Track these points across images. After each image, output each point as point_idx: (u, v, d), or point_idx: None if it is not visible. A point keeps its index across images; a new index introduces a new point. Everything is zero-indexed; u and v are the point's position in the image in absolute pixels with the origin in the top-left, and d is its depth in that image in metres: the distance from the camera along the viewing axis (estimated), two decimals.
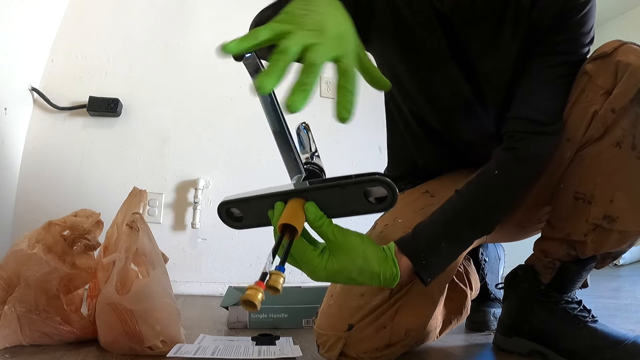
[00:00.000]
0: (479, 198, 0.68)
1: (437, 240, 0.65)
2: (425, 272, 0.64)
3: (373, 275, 0.59)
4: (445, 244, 0.65)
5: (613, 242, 0.70)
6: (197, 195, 1.84)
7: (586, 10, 0.67)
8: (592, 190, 0.69)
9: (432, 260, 0.64)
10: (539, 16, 0.69)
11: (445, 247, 0.65)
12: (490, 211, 0.69)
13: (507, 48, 0.72)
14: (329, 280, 0.58)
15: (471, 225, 0.67)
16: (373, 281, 0.59)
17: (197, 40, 1.99)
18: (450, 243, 0.66)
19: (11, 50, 1.46)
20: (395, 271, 0.60)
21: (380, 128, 2.05)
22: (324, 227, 0.56)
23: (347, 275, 0.58)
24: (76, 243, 0.85)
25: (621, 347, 0.67)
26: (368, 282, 0.59)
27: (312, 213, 0.55)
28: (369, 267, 0.58)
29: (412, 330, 0.75)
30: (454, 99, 0.79)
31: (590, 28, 0.69)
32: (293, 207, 0.55)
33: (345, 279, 0.58)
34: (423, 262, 0.63)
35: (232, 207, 0.60)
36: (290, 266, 0.56)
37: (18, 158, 1.67)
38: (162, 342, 0.75)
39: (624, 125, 0.65)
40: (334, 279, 0.58)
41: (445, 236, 0.66)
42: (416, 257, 0.63)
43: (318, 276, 0.58)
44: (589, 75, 0.69)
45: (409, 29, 0.78)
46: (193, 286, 1.78)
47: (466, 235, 0.68)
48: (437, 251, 0.65)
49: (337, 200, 0.56)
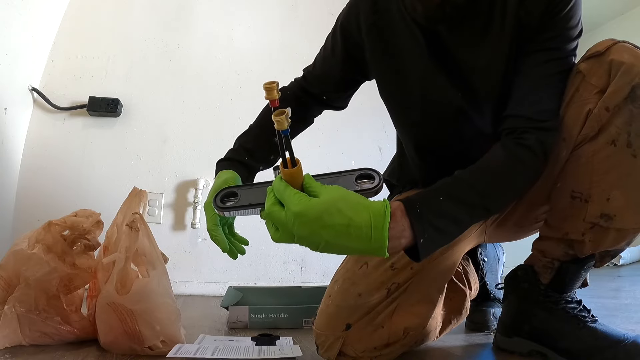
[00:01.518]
0: (483, 170, 0.63)
1: (434, 194, 0.59)
2: (419, 225, 0.54)
3: (360, 206, 0.51)
4: (444, 199, 0.58)
5: (611, 240, 0.70)
6: (197, 195, 1.84)
7: (572, 4, 0.66)
8: (589, 189, 0.69)
9: (428, 213, 0.55)
10: (526, 16, 0.68)
11: (444, 203, 0.57)
12: (494, 186, 0.63)
13: (497, 50, 0.72)
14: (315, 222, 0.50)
15: (473, 191, 0.61)
16: (360, 214, 0.51)
17: (197, 40, 1.99)
18: (450, 201, 0.58)
19: (11, 50, 1.47)
20: (385, 203, 0.53)
21: (380, 128, 2.08)
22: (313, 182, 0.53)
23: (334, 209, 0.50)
24: (76, 243, 0.85)
25: (621, 347, 0.67)
26: (355, 217, 0.50)
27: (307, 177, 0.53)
28: (355, 198, 0.52)
29: (410, 329, 0.75)
30: (446, 108, 0.78)
31: (577, 21, 0.69)
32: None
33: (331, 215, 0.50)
34: (418, 210, 0.55)
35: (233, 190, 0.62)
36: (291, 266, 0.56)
37: (18, 158, 1.67)
38: (162, 342, 0.75)
39: (618, 123, 0.66)
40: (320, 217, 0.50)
41: (444, 193, 0.59)
42: (410, 202, 0.56)
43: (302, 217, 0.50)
44: (583, 74, 0.69)
45: (392, 45, 0.79)
46: (193, 286, 1.78)
47: (467, 199, 0.60)
48: (434, 205, 0.57)
49: None
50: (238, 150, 0.87)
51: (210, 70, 1.98)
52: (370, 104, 0.94)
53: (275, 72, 2.08)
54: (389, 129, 0.90)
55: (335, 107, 0.96)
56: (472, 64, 0.74)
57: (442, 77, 0.76)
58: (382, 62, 0.82)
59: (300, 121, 0.94)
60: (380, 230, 0.51)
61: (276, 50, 2.11)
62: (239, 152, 0.86)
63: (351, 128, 2.07)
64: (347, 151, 2.05)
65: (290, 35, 2.15)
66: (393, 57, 0.80)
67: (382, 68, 0.83)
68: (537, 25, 0.68)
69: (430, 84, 0.77)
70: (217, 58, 2.01)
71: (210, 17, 2.04)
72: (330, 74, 0.91)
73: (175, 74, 1.93)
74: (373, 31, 0.81)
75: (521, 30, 0.70)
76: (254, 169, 0.86)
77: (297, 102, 0.93)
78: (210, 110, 1.95)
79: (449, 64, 0.75)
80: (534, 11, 0.67)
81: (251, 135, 0.89)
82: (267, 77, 1.75)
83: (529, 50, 0.70)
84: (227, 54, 2.03)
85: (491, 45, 0.72)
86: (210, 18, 2.04)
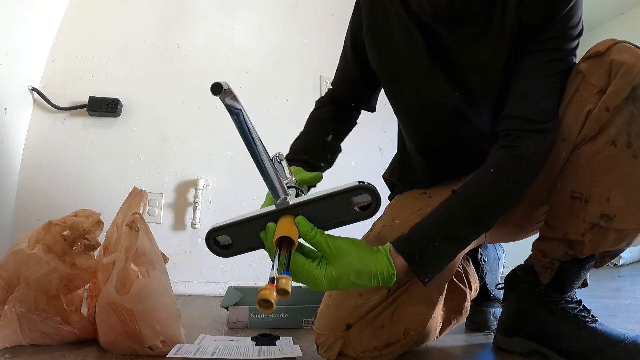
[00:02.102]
0: (475, 196, 0.67)
1: (431, 238, 0.64)
2: (422, 272, 0.63)
3: (371, 276, 0.59)
4: (440, 242, 0.64)
5: (611, 240, 0.70)
6: (197, 195, 1.84)
7: (572, 3, 0.66)
8: (589, 190, 0.69)
9: (427, 259, 0.63)
10: (527, 15, 0.68)
11: (440, 246, 0.64)
12: (486, 209, 0.67)
13: (497, 49, 0.72)
14: (331, 288, 0.59)
15: (467, 223, 0.66)
16: (372, 282, 0.60)
17: (197, 40, 1.99)
18: (446, 242, 0.65)
19: (11, 50, 1.47)
20: (391, 270, 0.60)
21: (380, 128, 2.08)
22: (317, 237, 0.58)
23: (346, 279, 0.59)
24: (76, 243, 0.85)
25: (621, 347, 0.67)
26: (367, 284, 0.60)
27: (304, 226, 0.58)
28: (366, 269, 0.59)
29: (411, 329, 0.75)
30: (445, 108, 0.78)
31: (578, 20, 0.68)
32: (285, 223, 0.58)
33: (345, 284, 0.59)
34: (418, 260, 0.62)
35: (222, 234, 0.61)
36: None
37: (18, 158, 1.67)
38: (162, 342, 0.75)
39: (618, 123, 0.65)
40: (336, 286, 0.59)
41: (439, 234, 0.65)
42: (410, 256, 0.62)
43: (320, 286, 0.58)
44: (583, 74, 0.69)
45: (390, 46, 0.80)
46: (193, 286, 1.78)
47: (462, 233, 0.67)
48: (432, 250, 0.64)
49: (325, 213, 0.60)
50: (295, 152, 0.86)
51: (210, 70, 1.98)
52: None
53: (275, 72, 2.09)
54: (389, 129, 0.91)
55: (366, 109, 0.96)
56: (471, 64, 0.74)
57: (441, 77, 0.76)
58: (381, 63, 0.83)
59: (344, 125, 0.95)
60: (387, 285, 0.62)
61: (276, 50, 2.11)
62: (296, 154, 0.85)
63: None
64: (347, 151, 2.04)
65: (290, 35, 2.15)
66: (391, 57, 0.80)
67: (381, 68, 0.83)
68: (537, 24, 0.68)
69: (429, 84, 0.77)
70: (217, 58, 2.01)
71: (210, 17, 2.04)
72: (349, 79, 0.91)
73: (175, 74, 1.93)
74: (371, 32, 0.81)
75: (521, 29, 0.69)
76: (316, 167, 0.85)
77: (333, 115, 0.93)
78: (210, 110, 1.95)
79: (448, 64, 0.75)
80: (535, 10, 0.67)
81: (302, 140, 0.89)
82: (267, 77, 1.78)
83: (529, 49, 0.70)
84: (227, 54, 2.03)
85: (491, 45, 0.72)
86: (210, 18, 2.03)
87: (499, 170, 0.67)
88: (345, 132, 0.96)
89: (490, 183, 0.67)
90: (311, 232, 0.58)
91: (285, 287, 0.48)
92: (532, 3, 0.67)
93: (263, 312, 0.51)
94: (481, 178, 0.68)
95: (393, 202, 0.95)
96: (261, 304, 0.46)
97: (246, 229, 0.60)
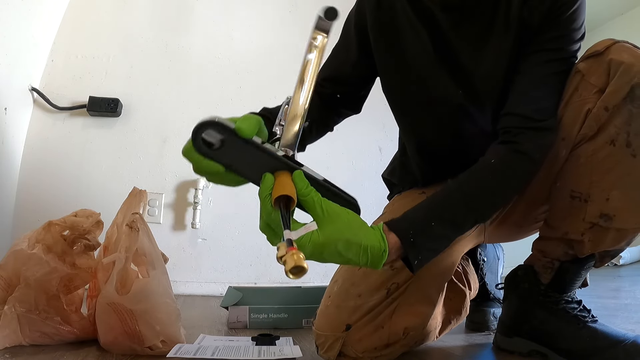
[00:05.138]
0: (475, 182, 0.66)
1: (426, 218, 0.62)
2: (413, 252, 0.60)
3: (360, 249, 0.56)
4: (435, 223, 0.62)
5: (610, 240, 0.70)
6: (197, 195, 1.84)
7: (576, 6, 0.67)
8: (588, 189, 0.69)
9: (421, 240, 0.60)
10: (529, 14, 0.69)
11: (436, 227, 0.61)
12: (484, 196, 0.66)
13: (500, 49, 0.72)
14: (315, 255, 0.55)
15: (464, 206, 0.64)
16: (360, 256, 0.56)
17: (197, 40, 1.99)
18: (441, 223, 0.62)
19: (11, 50, 1.47)
20: (382, 245, 0.57)
21: (380, 128, 2.08)
22: (311, 194, 0.55)
23: (333, 247, 0.55)
24: (76, 243, 0.85)
25: (621, 347, 0.67)
26: (355, 259, 0.56)
27: (301, 181, 0.55)
28: (356, 239, 0.55)
29: (410, 329, 0.75)
30: (447, 106, 0.78)
31: (580, 24, 0.69)
32: (281, 179, 0.55)
33: (331, 252, 0.55)
34: (411, 239, 0.59)
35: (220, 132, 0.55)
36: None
37: (18, 158, 1.67)
38: (162, 342, 0.75)
39: (617, 123, 0.66)
40: (320, 253, 0.55)
41: (435, 216, 0.63)
42: (404, 233, 0.59)
43: (304, 249, 0.53)
44: (582, 74, 0.69)
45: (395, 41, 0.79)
46: (193, 286, 1.78)
47: (458, 217, 0.64)
48: (427, 230, 0.61)
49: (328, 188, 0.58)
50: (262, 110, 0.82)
51: (210, 70, 1.98)
52: (370, 104, 0.94)
53: (275, 72, 2.08)
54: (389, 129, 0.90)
55: (349, 108, 0.92)
56: (474, 63, 0.74)
57: (444, 74, 0.76)
58: (384, 58, 0.82)
59: (321, 125, 0.89)
60: (376, 265, 0.58)
61: (276, 50, 2.11)
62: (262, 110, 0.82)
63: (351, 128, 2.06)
64: (347, 151, 2.05)
65: (290, 35, 2.15)
66: (395, 53, 0.80)
67: (384, 63, 0.83)
68: (540, 25, 0.68)
69: (432, 81, 0.77)
70: (217, 58, 2.01)
71: (210, 17, 2.04)
72: (341, 70, 0.88)
73: (175, 74, 1.93)
74: (376, 27, 0.81)
75: (524, 29, 0.70)
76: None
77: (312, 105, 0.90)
78: (210, 110, 1.93)
79: (452, 62, 0.75)
80: (538, 11, 0.68)
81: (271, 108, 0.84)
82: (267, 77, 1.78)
83: (531, 49, 0.70)
84: (227, 54, 2.03)
85: (494, 45, 0.72)
86: (210, 18, 2.03)
87: (500, 161, 0.66)
88: (320, 134, 0.90)
89: (490, 172, 0.67)
90: (306, 189, 0.55)
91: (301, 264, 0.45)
92: (535, 3, 0.67)
93: (295, 278, 0.46)
94: (481, 167, 0.68)
95: (392, 201, 0.96)
96: (293, 271, 0.44)
97: (245, 150, 0.55)
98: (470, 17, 0.72)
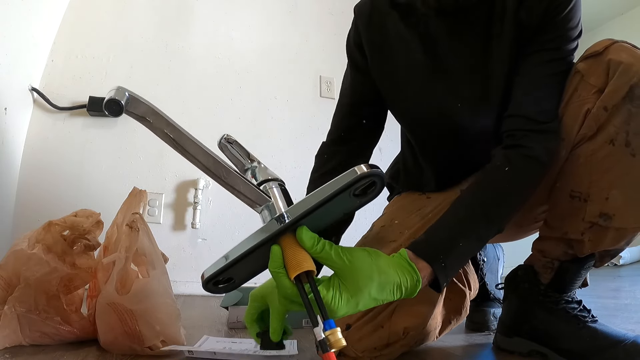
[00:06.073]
0: (492, 194, 0.65)
1: (453, 238, 0.61)
2: (443, 275, 0.58)
3: (394, 287, 0.53)
4: (463, 242, 0.61)
5: (610, 239, 0.70)
6: (197, 195, 1.84)
7: (572, 5, 0.67)
8: (588, 189, 0.69)
9: (451, 261, 0.59)
10: (526, 16, 0.69)
11: (463, 247, 0.61)
12: (503, 207, 0.65)
13: (498, 54, 0.72)
14: (352, 311, 0.51)
15: (486, 220, 0.63)
16: (394, 293, 0.53)
17: (197, 40, 1.99)
18: (467, 241, 0.61)
19: (11, 50, 1.46)
20: (415, 277, 0.55)
21: None
22: (324, 250, 0.51)
23: (367, 297, 0.51)
24: (76, 243, 0.85)
25: (621, 347, 0.67)
26: (389, 297, 0.53)
27: (308, 240, 0.51)
28: (388, 279, 0.53)
29: (410, 329, 0.75)
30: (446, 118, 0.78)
31: (577, 22, 0.69)
32: (290, 246, 0.51)
33: (367, 302, 0.52)
34: (442, 264, 0.58)
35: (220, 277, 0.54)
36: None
37: (18, 158, 1.67)
38: (162, 342, 0.75)
39: (616, 123, 0.66)
40: (356, 307, 0.51)
41: (460, 234, 0.61)
42: (435, 258, 0.57)
43: (338, 312, 0.50)
44: (581, 74, 0.69)
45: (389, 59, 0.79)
46: (193, 286, 1.78)
47: (482, 231, 0.63)
48: (455, 251, 0.60)
49: (326, 213, 0.52)
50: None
51: (210, 70, 1.98)
52: None
53: (275, 72, 2.09)
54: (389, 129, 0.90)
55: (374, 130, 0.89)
56: (472, 71, 0.74)
57: (441, 87, 0.76)
58: (381, 76, 0.83)
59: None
60: (411, 296, 0.56)
61: (276, 50, 2.11)
62: None
63: None
64: None
65: (290, 35, 2.15)
66: (390, 70, 0.81)
67: (381, 81, 0.83)
68: (537, 25, 0.68)
69: (429, 95, 0.78)
70: (217, 58, 2.01)
71: (210, 17, 2.04)
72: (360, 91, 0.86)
73: (175, 74, 1.93)
74: (369, 46, 0.82)
75: (521, 31, 0.70)
76: None
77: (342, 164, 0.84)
78: (210, 110, 1.96)
79: (448, 72, 0.75)
80: (534, 11, 0.68)
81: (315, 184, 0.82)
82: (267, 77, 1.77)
83: (529, 50, 0.70)
84: (227, 54, 2.03)
85: (492, 50, 0.72)
86: (210, 18, 2.04)
87: (513, 168, 0.66)
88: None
89: (506, 181, 0.66)
90: (317, 245, 0.51)
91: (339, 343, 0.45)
92: (531, 4, 0.67)
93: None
94: (495, 176, 0.67)
95: (392, 202, 0.95)
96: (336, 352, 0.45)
97: (245, 262, 0.53)
98: (466, 22, 0.72)
